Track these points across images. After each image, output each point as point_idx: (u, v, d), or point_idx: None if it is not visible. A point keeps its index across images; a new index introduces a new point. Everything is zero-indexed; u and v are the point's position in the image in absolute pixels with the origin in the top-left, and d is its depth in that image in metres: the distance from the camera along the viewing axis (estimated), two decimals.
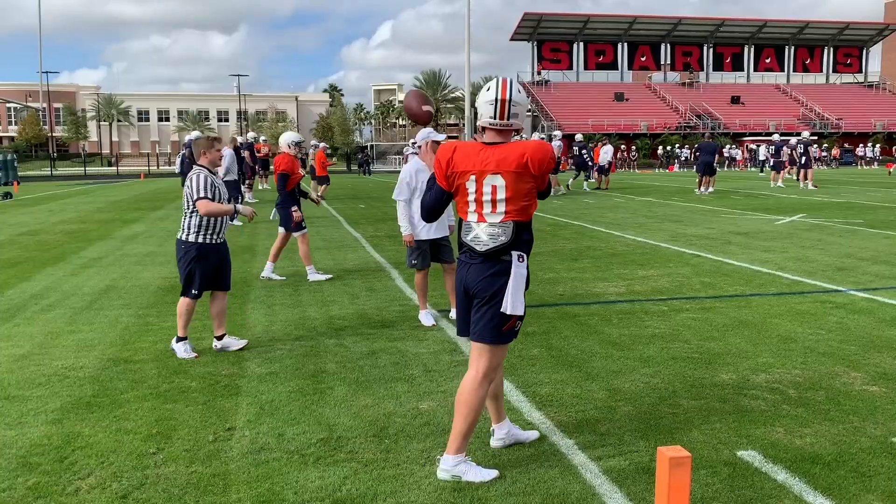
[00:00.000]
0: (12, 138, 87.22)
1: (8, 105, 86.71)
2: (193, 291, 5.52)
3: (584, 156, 25.45)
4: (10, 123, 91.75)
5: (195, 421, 4.19)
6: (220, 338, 5.67)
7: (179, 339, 5.57)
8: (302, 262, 8.92)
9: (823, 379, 4.81)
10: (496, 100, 3.36)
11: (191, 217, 5.49)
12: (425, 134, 6.32)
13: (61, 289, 8.28)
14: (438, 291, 7.54)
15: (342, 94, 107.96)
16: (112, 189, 32.02)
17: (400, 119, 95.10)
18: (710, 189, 23.51)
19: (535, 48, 70.57)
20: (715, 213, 16.37)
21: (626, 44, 72.44)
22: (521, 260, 3.37)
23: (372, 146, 72.91)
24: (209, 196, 5.42)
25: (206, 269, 5.54)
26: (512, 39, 70.83)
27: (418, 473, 3.49)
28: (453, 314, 6.52)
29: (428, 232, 6.34)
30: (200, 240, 5.49)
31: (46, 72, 69.80)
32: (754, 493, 3.27)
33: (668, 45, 73.40)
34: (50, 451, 3.80)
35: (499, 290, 3.35)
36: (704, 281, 8.25)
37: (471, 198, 3.41)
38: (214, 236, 5.54)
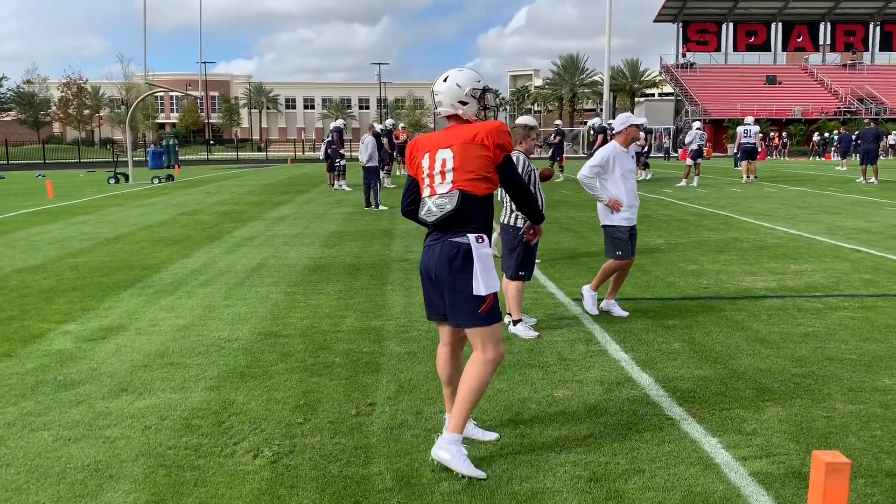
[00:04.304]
0: (174, 125, 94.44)
1: (171, 94, 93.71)
2: (521, 273, 5.65)
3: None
4: (171, 111, 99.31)
5: (339, 394, 4.38)
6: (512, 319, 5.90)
7: (516, 322, 5.65)
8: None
9: None
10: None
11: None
12: (624, 119, 6.17)
13: (217, 266, 8.88)
14: (573, 280, 7.44)
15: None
16: (262, 173, 33.92)
17: (535, 105, 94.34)
18: (874, 179, 21.73)
19: (681, 29, 67.64)
20: (878, 206, 15.11)
21: (780, 23, 67.97)
22: (479, 241, 3.37)
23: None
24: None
25: (533, 253, 5.69)
26: (655, 21, 68.25)
27: (553, 461, 3.48)
28: (588, 304, 6.39)
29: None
30: (520, 224, 5.59)
31: (205, 62, 75.08)
32: None
33: (829, 24, 68.15)
34: (209, 415, 4.10)
35: (465, 277, 3.34)
36: (865, 278, 7.65)
37: (424, 174, 3.51)
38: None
